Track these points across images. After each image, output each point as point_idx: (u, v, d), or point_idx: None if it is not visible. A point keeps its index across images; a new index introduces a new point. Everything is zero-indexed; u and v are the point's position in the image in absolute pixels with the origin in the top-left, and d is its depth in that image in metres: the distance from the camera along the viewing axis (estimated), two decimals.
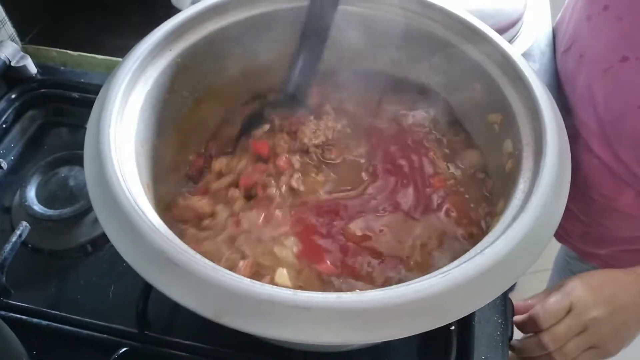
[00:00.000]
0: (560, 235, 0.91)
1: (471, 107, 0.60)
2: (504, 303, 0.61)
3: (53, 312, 0.61)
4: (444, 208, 0.56)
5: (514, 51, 0.54)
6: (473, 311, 0.38)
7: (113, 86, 0.49)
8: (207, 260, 0.40)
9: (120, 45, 0.61)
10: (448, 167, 0.60)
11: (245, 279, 0.38)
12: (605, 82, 0.67)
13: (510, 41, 0.84)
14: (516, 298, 0.64)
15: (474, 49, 0.57)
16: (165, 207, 0.56)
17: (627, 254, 0.82)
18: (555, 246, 1.02)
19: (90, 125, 0.48)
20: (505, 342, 0.59)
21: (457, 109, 0.63)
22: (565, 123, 0.49)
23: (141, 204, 0.43)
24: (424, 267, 0.52)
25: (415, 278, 0.39)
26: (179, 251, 0.39)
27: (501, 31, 0.82)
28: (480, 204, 0.56)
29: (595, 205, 0.78)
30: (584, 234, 0.85)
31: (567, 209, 0.43)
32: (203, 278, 0.38)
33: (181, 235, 0.53)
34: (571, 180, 0.45)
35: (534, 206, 0.41)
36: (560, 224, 0.42)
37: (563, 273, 1.02)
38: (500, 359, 0.58)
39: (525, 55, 0.85)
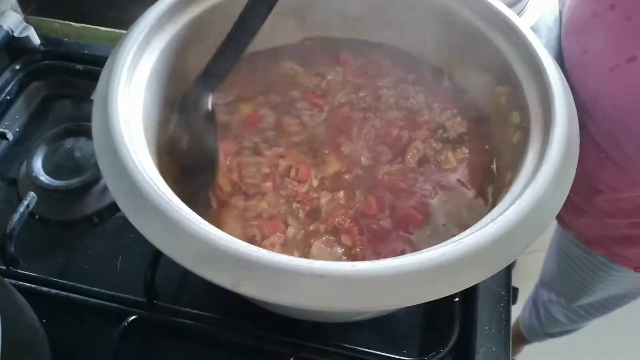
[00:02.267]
0: (565, 225, 0.92)
1: (477, 80, 0.60)
2: (508, 275, 0.62)
3: (61, 281, 0.62)
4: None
5: (522, 22, 0.54)
6: (485, 278, 0.38)
7: (119, 59, 0.49)
8: (221, 231, 0.40)
9: (124, 18, 0.60)
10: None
11: (262, 249, 0.38)
12: (611, 80, 0.66)
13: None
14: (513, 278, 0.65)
15: (479, 20, 0.57)
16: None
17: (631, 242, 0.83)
18: (551, 227, 1.03)
19: (97, 98, 0.48)
20: (508, 313, 0.60)
21: (461, 82, 0.63)
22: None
23: (152, 175, 0.43)
24: None
25: None
26: (193, 222, 0.39)
27: (508, 6, 0.82)
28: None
29: (602, 195, 0.78)
30: (588, 224, 0.86)
31: (570, 201, 0.43)
32: (219, 248, 0.38)
33: None
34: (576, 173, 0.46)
35: (544, 176, 0.41)
36: (562, 214, 0.43)
37: (559, 256, 1.04)
38: (503, 329, 0.59)
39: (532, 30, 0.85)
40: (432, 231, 0.53)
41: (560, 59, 0.81)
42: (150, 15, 0.53)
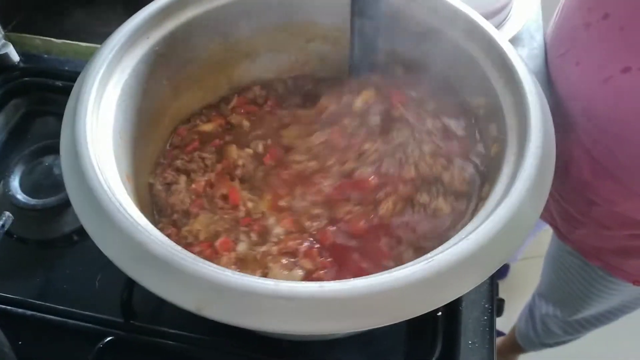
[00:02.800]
0: (562, 236, 0.91)
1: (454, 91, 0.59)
2: (491, 288, 0.61)
3: (38, 302, 0.61)
4: None
5: (498, 34, 0.53)
6: (458, 297, 0.38)
7: (88, 77, 0.48)
8: (187, 252, 0.39)
9: (105, 32, 0.59)
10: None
11: (227, 270, 0.37)
12: (605, 92, 0.65)
13: (499, 25, 0.84)
14: (510, 284, 0.64)
15: (457, 33, 0.56)
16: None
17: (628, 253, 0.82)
18: (548, 233, 1.02)
19: (65, 118, 0.47)
20: (492, 326, 0.59)
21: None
22: (554, 116, 0.48)
23: (119, 196, 0.42)
24: None
25: None
26: (157, 243, 0.38)
27: (490, 15, 0.81)
28: None
29: (598, 207, 0.77)
30: (585, 235, 0.85)
31: (567, 212, 0.42)
32: (183, 270, 0.37)
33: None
34: (570, 184, 0.45)
35: (518, 191, 0.40)
36: (559, 226, 0.42)
37: (557, 267, 1.03)
38: (487, 344, 0.58)
39: (515, 39, 0.85)
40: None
41: (545, 67, 0.81)
42: (122, 32, 0.53)
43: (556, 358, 1.38)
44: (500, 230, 0.39)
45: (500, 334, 1.44)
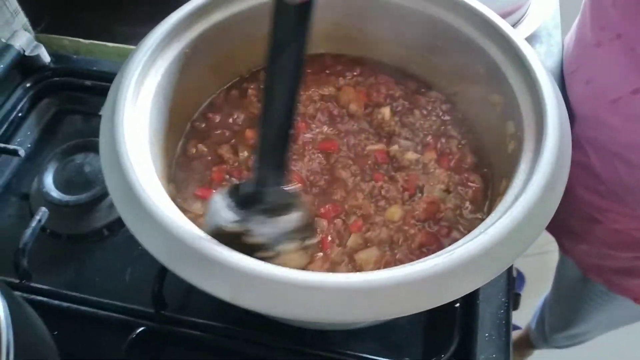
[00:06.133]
0: (564, 249, 0.91)
1: (472, 89, 0.61)
2: (508, 282, 0.63)
3: (72, 293, 0.64)
4: None
5: (516, 33, 0.54)
6: (476, 288, 0.40)
7: (125, 78, 0.50)
8: (222, 246, 0.41)
9: (131, 33, 0.62)
10: None
11: (260, 262, 0.40)
12: (613, 113, 0.65)
13: (517, 23, 0.85)
14: (527, 278, 0.65)
15: (475, 31, 0.57)
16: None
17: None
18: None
19: (104, 117, 0.49)
20: (508, 320, 0.61)
21: (459, 94, 0.64)
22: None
23: (157, 194, 0.45)
24: None
25: None
26: (196, 238, 0.41)
27: (508, 13, 0.82)
28: None
29: (601, 225, 0.78)
30: (587, 252, 0.85)
31: (570, 228, 0.43)
32: (218, 261, 0.39)
33: None
34: (574, 201, 0.45)
35: (535, 187, 0.42)
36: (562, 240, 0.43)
37: (559, 277, 1.04)
38: (503, 336, 0.60)
39: (532, 37, 0.86)
40: None
41: (561, 65, 0.82)
42: (157, 34, 0.55)
43: (571, 357, 1.39)
44: (517, 225, 0.41)
45: (516, 327, 1.45)
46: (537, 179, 0.43)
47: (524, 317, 1.35)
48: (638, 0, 0.59)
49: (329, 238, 0.55)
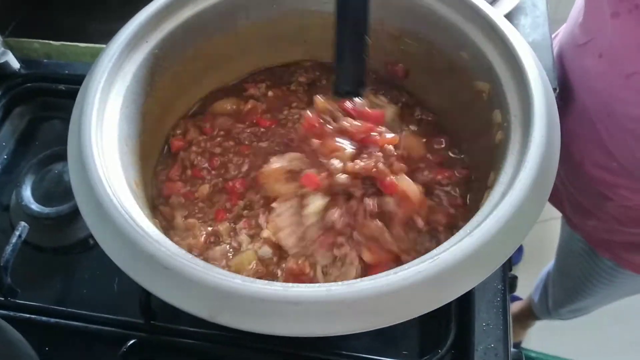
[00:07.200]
0: (573, 224, 0.90)
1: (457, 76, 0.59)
2: (503, 268, 0.61)
3: (60, 308, 0.62)
4: None
5: (503, 19, 0.52)
6: (465, 292, 0.38)
7: (90, 88, 0.49)
8: (198, 261, 0.40)
9: (103, 30, 0.59)
10: None
11: (237, 277, 0.38)
12: (627, 88, 0.62)
13: None
14: (528, 248, 0.63)
15: (456, 15, 0.55)
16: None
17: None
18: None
19: (71, 131, 0.48)
20: (505, 307, 0.60)
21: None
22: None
23: (128, 207, 0.43)
24: None
25: None
26: (168, 255, 0.39)
27: None
28: None
29: (612, 202, 0.76)
30: (596, 227, 0.84)
31: (579, 204, 0.41)
32: (194, 280, 0.38)
33: None
34: (584, 178, 0.44)
35: (522, 183, 0.40)
36: (570, 215, 0.41)
37: (565, 252, 1.03)
38: (501, 325, 0.58)
39: (517, 9, 0.83)
40: None
41: (549, 36, 0.79)
42: (120, 39, 0.53)
43: (570, 329, 1.39)
44: (504, 225, 0.39)
45: (516, 298, 1.45)
46: (524, 176, 0.41)
47: (524, 286, 1.34)
48: None
49: None
